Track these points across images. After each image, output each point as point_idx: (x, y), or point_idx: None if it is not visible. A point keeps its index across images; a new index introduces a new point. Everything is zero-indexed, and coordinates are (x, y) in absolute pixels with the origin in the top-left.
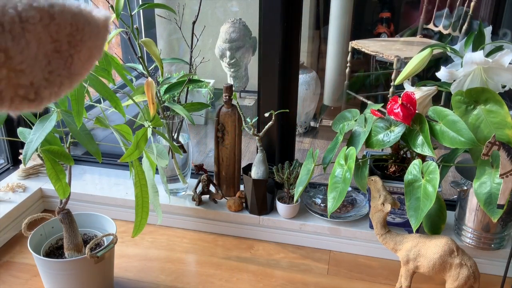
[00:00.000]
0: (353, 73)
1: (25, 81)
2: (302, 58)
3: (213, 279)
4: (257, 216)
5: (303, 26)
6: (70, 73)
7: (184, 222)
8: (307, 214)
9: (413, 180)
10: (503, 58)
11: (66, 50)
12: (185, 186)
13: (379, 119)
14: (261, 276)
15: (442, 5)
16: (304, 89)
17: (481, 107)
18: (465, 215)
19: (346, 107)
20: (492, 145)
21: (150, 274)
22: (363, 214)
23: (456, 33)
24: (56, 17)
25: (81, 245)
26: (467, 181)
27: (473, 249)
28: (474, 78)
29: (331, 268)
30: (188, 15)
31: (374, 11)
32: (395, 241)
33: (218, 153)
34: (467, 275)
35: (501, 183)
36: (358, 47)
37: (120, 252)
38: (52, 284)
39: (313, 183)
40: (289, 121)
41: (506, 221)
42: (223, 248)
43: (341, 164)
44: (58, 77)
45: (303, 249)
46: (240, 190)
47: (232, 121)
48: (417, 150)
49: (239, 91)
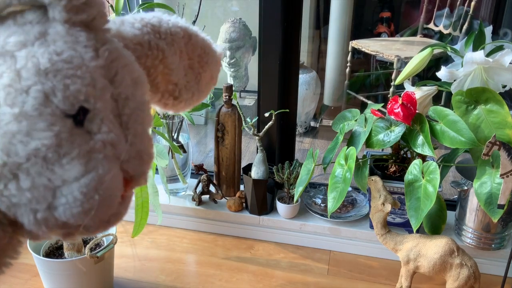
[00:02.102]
0: (353, 73)
1: (174, 79)
2: (302, 58)
3: (213, 279)
4: (257, 216)
5: (303, 26)
6: (198, 89)
7: (184, 222)
8: (307, 214)
9: (413, 180)
10: (504, 58)
11: (197, 68)
12: (185, 186)
13: (379, 119)
14: (261, 276)
15: (442, 5)
16: (304, 89)
17: (482, 107)
18: (466, 215)
19: (346, 107)
20: (492, 145)
21: (150, 274)
22: (363, 214)
23: (457, 33)
24: (192, 38)
25: (81, 245)
26: (468, 181)
27: (473, 249)
28: (474, 78)
29: (331, 268)
30: (188, 15)
31: (374, 10)
32: (395, 241)
33: (218, 153)
34: (467, 275)
35: (502, 183)
36: (358, 46)
37: (120, 252)
38: (52, 284)
39: (313, 183)
40: (289, 121)
41: (507, 221)
42: (223, 248)
43: (341, 164)
44: (192, 87)
45: (303, 249)
46: (240, 190)
47: (232, 121)
48: (418, 150)
49: (239, 91)
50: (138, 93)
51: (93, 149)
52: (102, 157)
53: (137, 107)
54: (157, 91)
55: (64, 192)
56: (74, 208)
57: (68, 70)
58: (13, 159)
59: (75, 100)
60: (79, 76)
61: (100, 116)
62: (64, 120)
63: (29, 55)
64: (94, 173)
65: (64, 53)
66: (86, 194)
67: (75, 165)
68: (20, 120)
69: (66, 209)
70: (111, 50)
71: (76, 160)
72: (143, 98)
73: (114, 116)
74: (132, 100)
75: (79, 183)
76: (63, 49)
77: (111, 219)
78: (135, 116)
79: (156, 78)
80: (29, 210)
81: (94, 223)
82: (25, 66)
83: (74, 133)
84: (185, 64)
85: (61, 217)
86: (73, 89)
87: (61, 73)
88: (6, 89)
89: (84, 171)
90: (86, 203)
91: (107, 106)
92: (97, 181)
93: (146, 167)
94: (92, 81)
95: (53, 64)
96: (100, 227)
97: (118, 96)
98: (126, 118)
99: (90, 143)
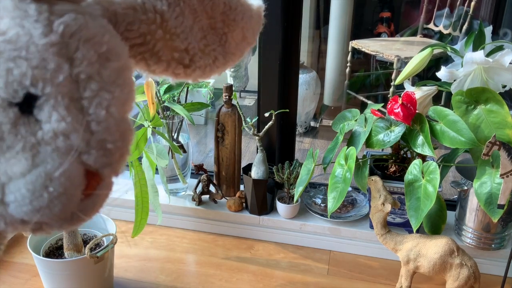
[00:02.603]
0: (353, 73)
1: (180, 44)
2: (302, 58)
3: (213, 279)
4: (257, 216)
5: (303, 26)
6: (225, 50)
7: (184, 222)
8: (307, 214)
9: (413, 180)
10: (504, 58)
11: (221, 28)
12: (185, 186)
13: (379, 119)
14: (261, 276)
15: (442, 5)
16: (304, 89)
17: (482, 107)
18: (466, 215)
19: (346, 107)
20: (492, 145)
21: (150, 274)
22: (363, 214)
23: (457, 33)
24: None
25: (81, 245)
26: (468, 181)
27: (473, 249)
28: (474, 78)
29: (331, 268)
30: None
31: (374, 10)
32: (395, 241)
33: (218, 153)
34: (467, 275)
35: (502, 183)
36: (358, 46)
37: (120, 252)
38: (52, 284)
39: (313, 183)
40: (289, 121)
41: (507, 221)
42: (223, 248)
43: (341, 164)
44: (213, 51)
45: (303, 249)
46: (240, 190)
47: (232, 121)
48: (418, 150)
49: (239, 91)
50: (106, 71)
51: (42, 141)
52: (52, 149)
53: (103, 88)
54: (160, 61)
55: (12, 189)
56: (24, 206)
57: (12, 52)
58: None
59: (20, 86)
60: (25, 58)
61: (50, 102)
62: (7, 110)
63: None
64: (41, 169)
65: (8, 32)
66: (34, 192)
67: (20, 159)
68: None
69: (17, 207)
70: (68, 23)
71: (21, 154)
72: (114, 75)
73: (71, 101)
74: (97, 80)
75: (25, 179)
76: (8, 27)
77: (74, 216)
78: (98, 99)
79: (156, 45)
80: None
81: (54, 221)
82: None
83: (18, 123)
84: (203, 24)
85: (14, 214)
86: (17, 74)
87: (3, 55)
88: None
89: (31, 166)
90: (35, 201)
91: (61, 90)
92: (45, 177)
93: (113, 158)
94: (42, 62)
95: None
96: (64, 225)
97: (78, 77)
98: (86, 103)
99: (38, 134)
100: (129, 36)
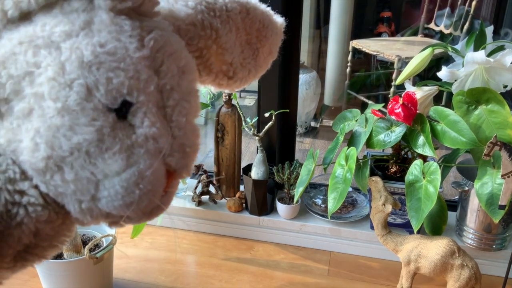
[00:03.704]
0: (354, 73)
1: (228, 58)
2: (302, 57)
3: (213, 280)
4: (257, 216)
5: (303, 26)
6: (256, 64)
7: (184, 223)
8: (307, 214)
9: (414, 180)
10: (505, 58)
11: (255, 43)
12: (185, 187)
13: (380, 119)
14: (261, 277)
15: (443, 5)
16: (304, 89)
17: (483, 107)
18: (466, 216)
19: (347, 107)
20: (493, 145)
21: (150, 275)
22: (364, 214)
23: (457, 33)
24: (251, 12)
25: (80, 246)
26: (469, 182)
27: (474, 250)
28: (475, 78)
29: (332, 269)
30: None
31: (375, 10)
32: (396, 242)
33: (218, 153)
34: (468, 276)
35: (503, 184)
36: (359, 46)
37: (119, 253)
38: (51, 285)
39: (314, 183)
40: (289, 121)
41: (508, 221)
42: (223, 249)
43: (341, 165)
44: (248, 64)
45: (304, 250)
46: (240, 190)
47: (232, 121)
48: (418, 150)
49: (239, 91)
50: (184, 83)
51: (135, 144)
52: (144, 151)
53: (182, 98)
54: (211, 73)
55: (106, 186)
56: (116, 201)
57: (112, 63)
58: (57, 152)
59: (118, 94)
60: (123, 69)
61: (143, 109)
62: (107, 114)
63: (74, 46)
64: (135, 168)
65: (107, 44)
66: (127, 189)
67: (116, 159)
68: (63, 114)
69: (108, 202)
70: (156, 39)
71: (118, 154)
72: (190, 87)
73: (158, 108)
74: (178, 91)
75: (120, 177)
76: (107, 40)
77: (153, 211)
78: (179, 108)
79: (209, 59)
80: (74, 200)
81: (137, 215)
82: (69, 58)
83: (116, 127)
84: (242, 40)
85: (104, 209)
86: (116, 83)
87: (104, 66)
88: (50, 82)
89: (126, 165)
90: (127, 197)
91: (151, 99)
92: (137, 176)
93: (189, 160)
94: (136, 73)
95: (96, 57)
96: (143, 218)
97: (163, 88)
98: (170, 111)
99: (132, 137)
100: (189, 50)
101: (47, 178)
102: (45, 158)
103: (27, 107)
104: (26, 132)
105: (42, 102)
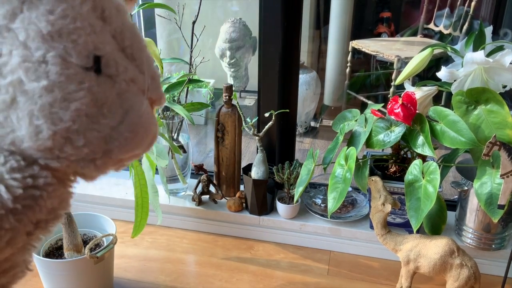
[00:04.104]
0: (354, 73)
1: None
2: (302, 58)
3: (213, 280)
4: (257, 216)
5: (303, 26)
6: None
7: (184, 223)
8: (307, 214)
9: (413, 180)
10: (504, 58)
11: None
12: (185, 186)
13: (380, 119)
14: (261, 276)
15: (442, 5)
16: (304, 89)
17: (482, 107)
18: (466, 216)
19: (347, 107)
20: (492, 145)
21: (150, 275)
22: (364, 214)
23: (457, 33)
24: None
25: (81, 245)
26: (468, 182)
27: (473, 250)
28: (474, 78)
29: (332, 269)
30: (188, 15)
31: (375, 10)
32: (395, 242)
33: (218, 153)
34: (467, 276)
35: (502, 184)
36: (359, 46)
37: (119, 252)
38: (52, 284)
39: (313, 183)
40: (289, 121)
41: (507, 221)
42: (223, 249)
43: (341, 164)
44: None
45: (303, 250)
46: (240, 190)
47: (232, 121)
48: (418, 150)
49: (239, 91)
50: (126, 20)
51: (121, 90)
52: (131, 94)
53: (133, 34)
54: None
55: (115, 136)
56: (127, 146)
57: (68, 25)
58: (60, 125)
59: (87, 52)
60: (80, 27)
61: (112, 58)
62: (88, 74)
63: (25, 23)
64: (132, 111)
65: (56, 9)
66: (133, 131)
67: (114, 110)
68: (52, 89)
69: (120, 149)
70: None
71: (113, 105)
72: (130, 22)
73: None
74: (126, 30)
75: (123, 124)
76: (52, 5)
77: (152, 140)
78: (136, 44)
79: None
80: (89, 161)
81: (143, 150)
82: (28, 36)
83: (100, 82)
84: None
85: (116, 157)
86: (82, 42)
87: (64, 31)
88: (22, 66)
89: (124, 112)
90: (135, 138)
91: (113, 46)
92: (137, 117)
93: (161, 87)
94: (92, 27)
95: (52, 25)
96: (146, 150)
97: (115, 32)
98: (129, 50)
99: (116, 86)
100: None
101: (57, 153)
102: (51, 136)
103: (8, 98)
104: (18, 121)
105: (23, 87)
